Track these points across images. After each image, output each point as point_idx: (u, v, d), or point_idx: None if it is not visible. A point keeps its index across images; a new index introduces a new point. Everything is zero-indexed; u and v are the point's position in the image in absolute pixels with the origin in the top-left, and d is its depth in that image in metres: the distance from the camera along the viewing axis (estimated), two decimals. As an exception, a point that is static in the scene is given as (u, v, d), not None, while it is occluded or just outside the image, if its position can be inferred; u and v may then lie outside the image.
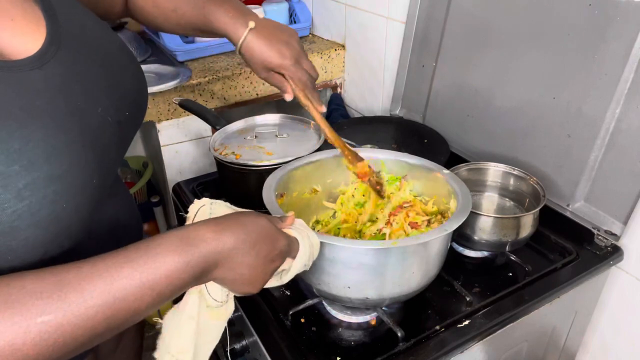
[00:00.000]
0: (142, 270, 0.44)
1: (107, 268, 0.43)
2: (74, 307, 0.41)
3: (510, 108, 1.03)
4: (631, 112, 0.83)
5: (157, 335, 0.53)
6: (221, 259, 0.49)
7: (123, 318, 0.44)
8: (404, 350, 0.71)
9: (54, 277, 0.42)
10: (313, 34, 1.71)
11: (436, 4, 1.16)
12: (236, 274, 0.51)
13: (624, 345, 0.99)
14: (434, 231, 0.67)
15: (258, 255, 0.51)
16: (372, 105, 1.53)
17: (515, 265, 0.88)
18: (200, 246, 0.47)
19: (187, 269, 0.46)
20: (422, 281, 0.72)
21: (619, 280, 0.95)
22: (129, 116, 0.59)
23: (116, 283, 0.43)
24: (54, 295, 0.41)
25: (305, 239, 0.58)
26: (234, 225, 0.50)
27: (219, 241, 0.48)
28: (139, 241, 0.47)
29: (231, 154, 0.96)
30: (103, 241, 0.60)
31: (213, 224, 0.50)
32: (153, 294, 0.45)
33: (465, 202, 0.73)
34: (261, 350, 0.75)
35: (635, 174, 0.84)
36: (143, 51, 1.54)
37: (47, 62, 0.49)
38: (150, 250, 0.45)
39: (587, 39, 0.87)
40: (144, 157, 1.99)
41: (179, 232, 0.48)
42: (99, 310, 0.42)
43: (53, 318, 0.40)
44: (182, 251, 0.46)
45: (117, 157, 0.59)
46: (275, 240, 0.53)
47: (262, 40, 0.68)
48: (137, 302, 0.44)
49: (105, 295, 0.42)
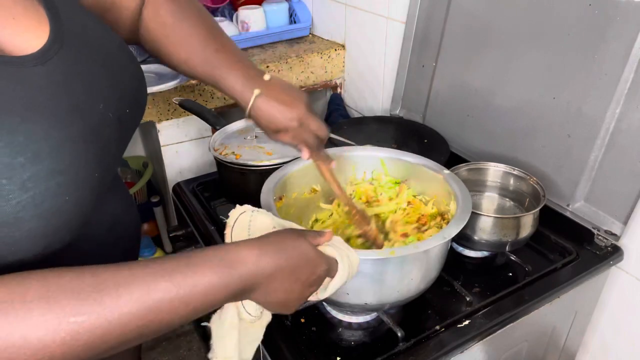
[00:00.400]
0: (180, 285, 0.45)
1: (145, 277, 0.44)
2: (107, 312, 0.42)
3: (510, 108, 1.03)
4: (631, 112, 0.83)
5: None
6: (259, 283, 0.50)
7: (155, 328, 0.45)
8: (404, 350, 0.71)
9: (93, 278, 0.42)
10: (313, 34, 1.71)
11: (436, 4, 1.16)
12: (273, 297, 0.52)
13: (624, 345, 0.99)
14: (433, 239, 0.67)
15: (297, 281, 0.52)
16: (372, 105, 1.53)
17: (515, 265, 0.88)
18: (240, 269, 0.48)
19: (224, 290, 0.47)
20: (422, 285, 0.72)
21: (619, 280, 0.95)
22: (129, 114, 0.60)
23: (152, 294, 0.43)
24: (90, 297, 0.41)
25: (344, 258, 0.57)
26: (275, 250, 0.51)
27: (259, 267, 0.49)
28: (180, 254, 0.48)
29: (231, 154, 0.96)
30: (102, 236, 0.61)
31: (255, 246, 0.50)
32: (187, 309, 0.46)
33: (466, 205, 0.73)
34: (261, 350, 0.75)
35: (635, 174, 0.84)
36: (143, 51, 1.54)
37: (49, 59, 0.49)
38: (190, 267, 0.46)
39: (587, 39, 0.87)
40: (144, 157, 1.99)
41: (220, 250, 0.49)
42: (132, 318, 0.43)
43: (86, 319, 0.41)
44: (222, 272, 0.47)
45: (118, 153, 0.60)
46: (315, 266, 0.53)
47: (268, 104, 0.69)
48: (170, 314, 0.45)
49: (140, 304, 0.43)
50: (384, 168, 0.88)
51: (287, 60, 1.48)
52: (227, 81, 0.70)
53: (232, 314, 0.54)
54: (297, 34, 1.66)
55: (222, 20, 1.60)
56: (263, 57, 1.50)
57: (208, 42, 0.71)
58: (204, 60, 0.70)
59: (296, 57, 1.50)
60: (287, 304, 0.54)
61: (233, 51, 0.72)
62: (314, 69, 1.55)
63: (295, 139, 0.72)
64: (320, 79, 1.58)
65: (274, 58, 1.49)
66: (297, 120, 0.70)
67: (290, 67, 1.49)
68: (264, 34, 1.59)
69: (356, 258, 0.60)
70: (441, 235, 0.67)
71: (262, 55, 1.52)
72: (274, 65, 1.46)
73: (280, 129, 0.71)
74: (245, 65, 0.71)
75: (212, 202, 1.05)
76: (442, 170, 0.82)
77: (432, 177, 0.83)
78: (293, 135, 0.72)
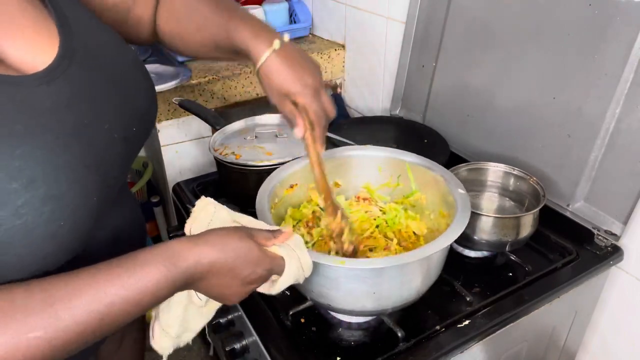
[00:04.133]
0: (128, 287, 0.47)
1: (95, 284, 0.45)
2: (63, 323, 0.43)
3: (510, 108, 1.03)
4: (631, 112, 0.83)
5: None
6: (199, 277, 0.52)
7: (110, 328, 0.47)
8: (404, 350, 0.71)
9: (43, 293, 0.43)
10: (313, 34, 1.71)
11: (436, 4, 1.16)
12: (212, 291, 0.55)
13: (624, 345, 0.99)
14: (434, 244, 0.66)
15: (235, 277, 0.54)
16: (372, 105, 1.53)
17: (515, 265, 0.88)
18: (182, 265, 0.50)
19: (171, 285, 0.49)
20: (422, 288, 0.71)
21: (619, 280, 0.95)
22: (136, 132, 0.59)
23: (104, 300, 0.45)
24: (44, 312, 0.42)
25: (293, 259, 0.59)
26: (216, 247, 0.52)
27: (198, 262, 0.51)
28: (125, 256, 0.49)
29: (231, 154, 0.96)
30: (103, 251, 0.60)
31: (197, 243, 0.52)
32: (138, 307, 0.48)
33: (465, 207, 0.72)
34: (261, 350, 0.75)
35: (635, 174, 0.84)
36: (143, 51, 1.54)
37: (56, 78, 0.48)
38: (137, 268, 0.48)
39: (587, 39, 0.87)
40: (144, 157, 1.99)
41: (163, 249, 0.50)
42: (88, 325, 0.45)
43: (43, 334, 0.42)
44: (166, 269, 0.49)
45: (122, 173, 0.59)
46: (256, 265, 0.55)
47: (284, 63, 0.62)
48: (122, 314, 0.47)
49: (93, 312, 0.45)
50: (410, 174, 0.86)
51: (287, 60, 1.48)
52: (241, 28, 0.63)
53: (180, 294, 0.57)
54: (297, 34, 1.66)
55: (222, 20, 1.60)
56: (263, 57, 1.50)
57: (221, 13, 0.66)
58: (217, 21, 0.65)
59: (296, 57, 1.50)
60: (226, 298, 0.56)
61: (249, 15, 0.67)
62: (314, 69, 1.55)
63: (299, 109, 0.64)
64: (320, 79, 1.58)
65: (274, 58, 1.48)
66: (312, 88, 0.63)
67: (290, 67, 1.49)
68: (264, 34, 1.58)
69: (308, 260, 0.61)
70: (442, 240, 0.66)
71: (262, 55, 1.51)
72: (274, 65, 1.45)
73: (290, 93, 0.63)
74: (262, 25, 0.65)
75: (212, 202, 1.05)
76: (442, 172, 0.81)
77: (431, 178, 0.83)
78: (301, 104, 0.64)
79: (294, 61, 0.63)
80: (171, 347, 0.60)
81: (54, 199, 0.45)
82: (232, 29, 0.64)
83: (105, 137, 0.52)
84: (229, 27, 0.65)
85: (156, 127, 1.39)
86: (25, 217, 0.43)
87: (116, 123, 0.54)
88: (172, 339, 0.60)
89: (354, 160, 0.90)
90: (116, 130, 0.54)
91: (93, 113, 0.51)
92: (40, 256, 0.46)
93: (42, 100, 0.46)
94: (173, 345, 0.61)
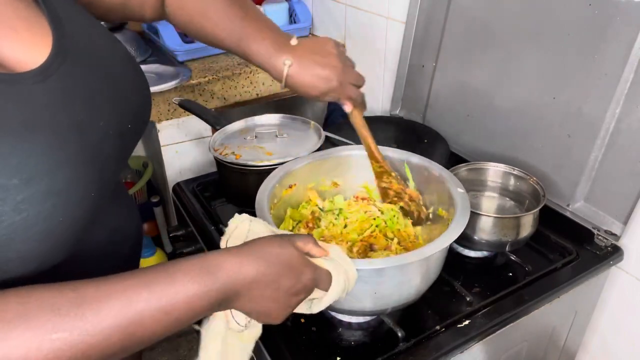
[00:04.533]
0: (160, 296, 0.44)
1: (125, 290, 0.43)
2: (89, 327, 0.41)
3: (510, 108, 1.03)
4: (631, 112, 0.83)
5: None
6: (241, 290, 0.49)
7: (138, 340, 0.44)
8: (404, 350, 0.71)
9: (73, 293, 0.42)
10: (313, 34, 1.71)
11: (436, 4, 1.16)
12: (256, 305, 0.51)
13: (624, 345, 0.99)
14: (434, 244, 0.66)
15: (279, 289, 0.51)
16: (372, 105, 1.53)
17: (515, 265, 0.88)
18: (220, 276, 0.47)
19: (205, 298, 0.46)
20: (422, 287, 0.71)
21: (619, 280, 0.95)
22: (131, 128, 0.59)
23: (134, 306, 0.43)
24: (70, 313, 0.41)
25: (340, 273, 0.56)
26: (257, 256, 0.50)
27: (239, 273, 0.48)
28: (160, 264, 0.47)
29: (231, 154, 0.96)
30: (100, 249, 0.60)
31: (236, 254, 0.49)
32: (170, 319, 0.45)
33: (464, 207, 0.72)
34: (261, 350, 0.75)
35: (635, 174, 0.84)
36: (143, 51, 1.54)
37: (50, 75, 0.48)
38: (170, 276, 0.45)
39: (587, 39, 0.87)
40: (144, 157, 1.99)
41: (199, 259, 0.48)
42: (115, 331, 0.42)
43: (68, 336, 0.40)
44: (202, 280, 0.46)
45: (117, 169, 0.59)
46: (300, 274, 0.52)
47: (302, 73, 0.68)
48: (153, 325, 0.44)
49: (121, 317, 0.42)
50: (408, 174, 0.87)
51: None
52: (257, 56, 0.69)
53: (219, 321, 0.53)
54: (297, 33, 1.66)
55: (222, 20, 1.60)
56: (263, 57, 1.50)
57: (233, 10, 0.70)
58: (230, 32, 0.69)
59: (296, 57, 1.50)
60: (271, 314, 0.52)
61: (257, 17, 0.71)
62: (314, 69, 1.55)
63: (339, 95, 0.73)
64: (320, 79, 1.58)
65: (274, 58, 1.48)
66: (336, 80, 0.70)
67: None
68: (264, 34, 1.59)
69: (354, 272, 0.58)
70: (442, 240, 0.66)
71: (262, 55, 1.51)
72: (274, 65, 1.45)
73: (320, 96, 0.71)
74: (271, 32, 0.70)
75: (212, 202, 1.05)
76: (442, 172, 0.81)
77: (431, 178, 0.83)
78: (336, 94, 0.72)
79: (310, 65, 0.68)
80: None
81: (55, 195, 0.45)
82: (244, 43, 0.69)
83: (100, 134, 0.52)
84: (241, 37, 0.69)
85: (156, 127, 1.39)
86: (25, 212, 0.43)
87: (111, 119, 0.54)
88: None
89: (352, 160, 0.90)
90: (111, 126, 0.54)
91: (88, 110, 0.51)
92: (38, 253, 0.46)
93: (38, 97, 0.46)
94: None
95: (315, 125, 1.04)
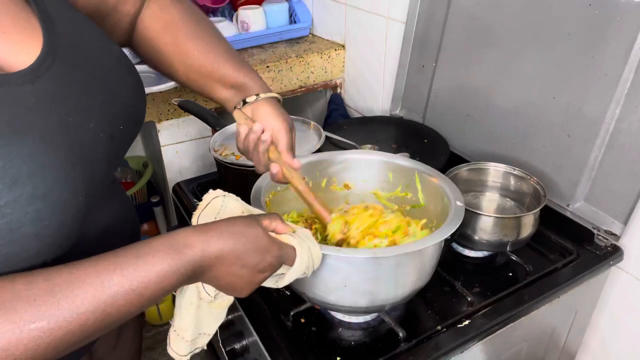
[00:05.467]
0: (132, 277, 0.46)
1: (98, 274, 0.45)
2: (66, 313, 0.42)
3: (510, 108, 1.03)
4: (631, 112, 0.83)
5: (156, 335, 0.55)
6: (207, 267, 0.51)
7: (114, 320, 0.46)
8: (405, 350, 0.71)
9: (46, 283, 0.43)
10: (313, 34, 1.71)
11: (436, 4, 1.16)
12: (222, 281, 0.53)
13: (624, 345, 0.99)
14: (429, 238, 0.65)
15: (244, 266, 0.52)
16: (372, 105, 1.53)
17: (516, 265, 0.88)
18: (188, 253, 0.49)
19: (175, 275, 0.48)
20: (418, 283, 0.71)
21: (619, 280, 0.95)
22: (123, 130, 0.58)
23: (107, 290, 0.44)
24: (46, 302, 0.42)
25: (304, 249, 0.58)
26: (223, 234, 0.51)
27: (206, 251, 0.50)
28: (129, 246, 0.48)
29: (231, 154, 0.96)
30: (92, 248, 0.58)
31: (203, 231, 0.51)
32: (142, 299, 0.47)
33: (458, 206, 0.72)
34: (261, 350, 0.75)
35: (635, 174, 0.84)
36: (143, 51, 1.54)
37: (40, 76, 0.47)
38: (141, 258, 0.47)
39: (587, 39, 0.87)
40: (144, 157, 1.99)
41: (167, 238, 0.49)
42: (90, 315, 0.44)
43: (46, 324, 0.41)
44: (171, 258, 0.48)
45: (109, 171, 0.58)
46: (265, 252, 0.54)
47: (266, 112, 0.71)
48: (127, 306, 0.46)
49: (96, 302, 0.44)
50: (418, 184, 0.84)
51: (287, 60, 1.48)
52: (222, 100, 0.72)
53: (191, 292, 0.56)
54: (297, 34, 1.66)
55: (222, 20, 1.60)
56: (263, 57, 1.50)
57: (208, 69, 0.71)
58: (202, 82, 0.71)
59: (296, 57, 1.50)
60: (237, 288, 0.55)
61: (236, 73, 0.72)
62: (314, 69, 1.55)
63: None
64: (320, 79, 1.58)
65: (274, 58, 1.49)
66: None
67: (290, 67, 1.49)
68: (264, 34, 1.59)
69: (318, 251, 0.60)
70: (436, 236, 0.66)
71: (262, 55, 1.52)
72: (273, 65, 1.46)
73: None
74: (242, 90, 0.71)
75: (212, 202, 1.05)
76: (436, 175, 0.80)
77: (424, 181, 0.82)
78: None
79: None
80: (187, 352, 0.59)
81: (39, 199, 0.45)
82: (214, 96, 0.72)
83: (90, 136, 0.52)
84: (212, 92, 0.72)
85: (156, 127, 1.39)
86: (9, 216, 0.43)
87: (101, 121, 0.53)
88: (187, 343, 0.58)
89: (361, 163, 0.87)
90: (102, 128, 0.53)
91: (78, 111, 0.50)
92: (25, 255, 0.46)
93: (26, 98, 0.46)
94: (189, 350, 0.59)
95: (315, 125, 1.04)
